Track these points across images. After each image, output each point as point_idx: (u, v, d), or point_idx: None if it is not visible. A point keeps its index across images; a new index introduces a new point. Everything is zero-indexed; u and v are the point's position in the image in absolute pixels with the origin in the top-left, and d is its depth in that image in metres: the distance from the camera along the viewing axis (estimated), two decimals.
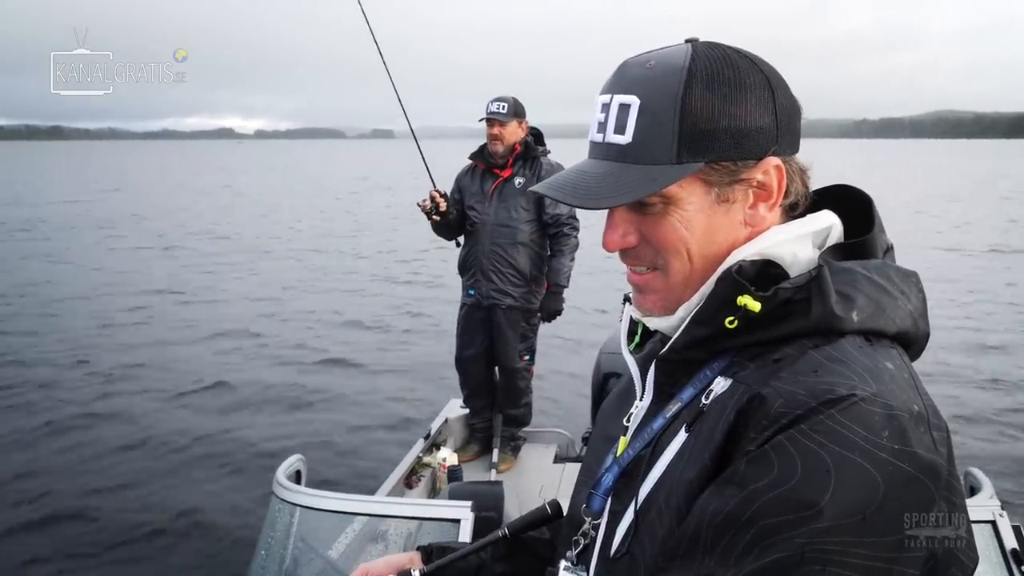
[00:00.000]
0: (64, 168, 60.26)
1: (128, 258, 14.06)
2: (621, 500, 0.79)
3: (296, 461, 2.23)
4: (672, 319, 0.79)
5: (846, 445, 0.61)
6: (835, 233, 0.78)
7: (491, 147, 3.96)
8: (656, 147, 0.73)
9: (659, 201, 0.75)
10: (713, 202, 0.75)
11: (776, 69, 0.77)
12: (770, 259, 0.75)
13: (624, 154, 0.75)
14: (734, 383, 0.71)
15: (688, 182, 0.74)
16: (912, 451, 0.62)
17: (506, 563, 1.06)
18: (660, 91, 0.73)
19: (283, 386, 6.92)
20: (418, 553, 1.10)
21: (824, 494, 0.59)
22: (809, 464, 0.61)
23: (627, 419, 0.85)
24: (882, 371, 0.66)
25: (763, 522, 0.61)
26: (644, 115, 0.73)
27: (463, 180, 4.15)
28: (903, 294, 0.74)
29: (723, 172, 0.74)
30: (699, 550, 0.65)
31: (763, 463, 0.63)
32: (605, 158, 0.76)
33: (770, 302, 0.70)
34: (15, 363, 7.41)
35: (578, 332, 8.19)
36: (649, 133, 0.73)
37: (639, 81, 0.74)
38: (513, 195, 3.93)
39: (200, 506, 4.61)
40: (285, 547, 2.04)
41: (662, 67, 0.74)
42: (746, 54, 0.75)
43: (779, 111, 0.74)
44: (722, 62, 0.73)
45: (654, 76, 0.74)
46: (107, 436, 5.69)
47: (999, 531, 1.78)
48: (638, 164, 0.74)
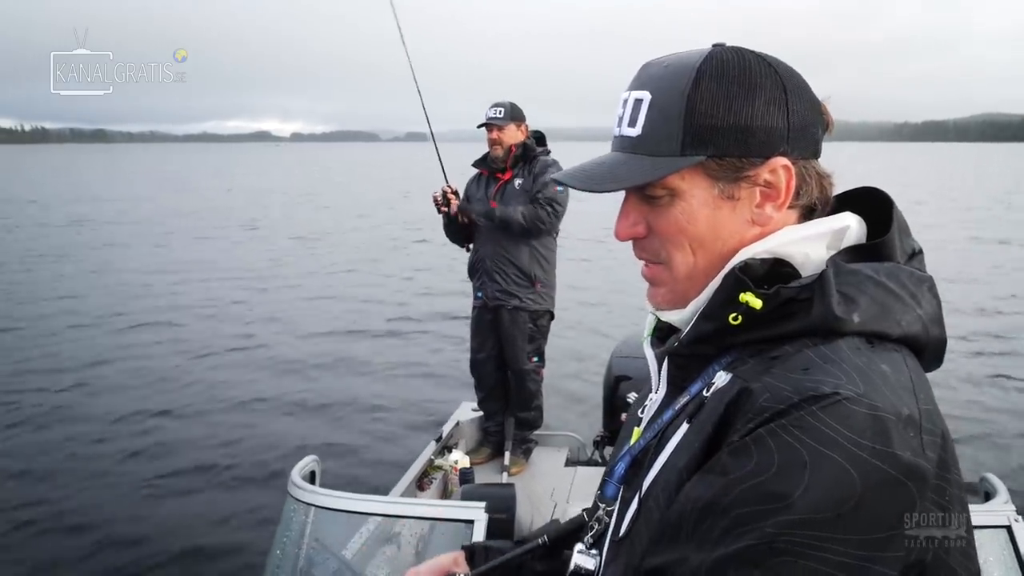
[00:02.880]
0: (136, 170, 62.58)
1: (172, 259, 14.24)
2: (631, 487, 0.82)
3: (311, 462, 2.26)
4: (683, 313, 0.81)
5: (824, 442, 0.62)
6: (853, 235, 0.78)
7: (491, 151, 4.04)
8: (662, 139, 0.76)
9: (665, 193, 0.77)
10: (717, 197, 0.77)
11: (800, 77, 0.78)
12: (781, 258, 0.76)
13: (634, 145, 0.79)
14: (733, 377, 0.73)
15: (692, 175, 0.76)
16: (893, 453, 0.62)
17: (546, 561, 1.10)
18: (670, 87, 0.76)
19: (298, 388, 6.97)
20: (462, 553, 1.13)
21: (797, 487, 0.61)
22: (786, 458, 0.62)
23: (641, 410, 0.89)
24: (874, 372, 0.67)
25: (737, 511, 0.63)
26: (653, 109, 0.77)
27: (470, 188, 4.24)
28: (914, 298, 0.74)
29: (727, 168, 0.75)
30: (681, 535, 0.67)
31: (743, 454, 0.65)
32: (620, 149, 0.80)
33: (772, 300, 0.72)
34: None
35: (590, 335, 8.20)
36: (656, 126, 0.76)
37: (654, 78, 0.78)
38: (513, 196, 3.98)
39: (216, 506, 4.66)
40: (300, 546, 2.06)
41: (676, 66, 0.77)
42: (766, 58, 0.77)
43: (792, 114, 0.75)
44: (735, 63, 0.75)
45: (667, 74, 0.77)
46: (114, 438, 5.75)
47: (1014, 536, 1.77)
48: (645, 155, 0.77)
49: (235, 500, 4.75)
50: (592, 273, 12.24)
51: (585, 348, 7.78)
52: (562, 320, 4.62)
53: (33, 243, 16.60)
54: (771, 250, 0.76)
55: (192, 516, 4.52)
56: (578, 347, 7.83)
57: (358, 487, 4.52)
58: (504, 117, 3.94)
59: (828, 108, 0.81)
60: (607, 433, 3.92)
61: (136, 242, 16.97)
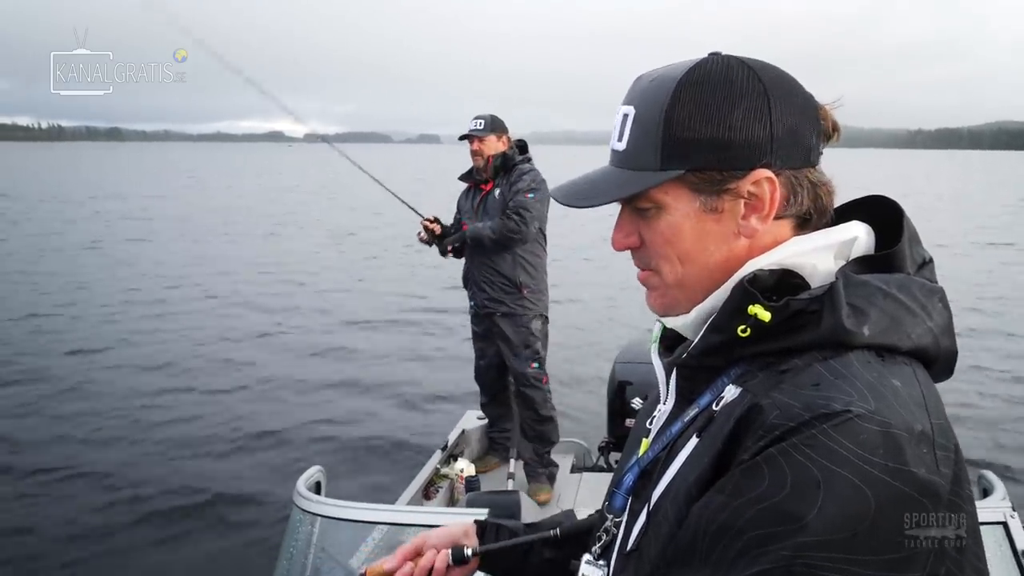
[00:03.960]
0: (158, 168, 64.32)
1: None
2: (640, 499, 0.82)
3: (316, 472, 2.26)
4: (687, 319, 0.81)
5: (836, 461, 0.61)
6: (861, 245, 0.77)
7: (474, 163, 4.10)
8: (643, 154, 0.77)
9: (652, 206, 0.78)
10: (699, 210, 0.77)
11: (790, 84, 0.77)
12: (789, 269, 0.75)
13: (620, 160, 0.80)
14: (743, 391, 0.72)
15: (674, 189, 0.77)
16: (908, 470, 0.61)
17: (555, 550, 1.10)
18: (651, 102, 0.76)
19: (303, 398, 6.99)
20: (474, 526, 1.14)
21: (811, 508, 0.60)
22: (798, 477, 0.61)
23: (650, 421, 0.89)
24: (886, 388, 0.66)
25: (752, 533, 0.62)
26: (636, 124, 0.78)
27: (460, 201, 4.32)
28: (924, 310, 0.73)
29: (708, 181, 0.75)
30: (695, 559, 0.67)
31: (755, 474, 0.64)
32: (612, 163, 0.82)
33: (781, 312, 0.71)
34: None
35: (594, 342, 8.20)
36: (638, 141, 0.77)
37: (639, 93, 0.79)
38: (494, 207, 4.03)
39: (222, 516, 4.66)
40: (307, 556, 2.07)
41: (660, 80, 0.77)
42: (753, 66, 0.76)
43: (775, 123, 0.74)
44: (719, 74, 0.75)
45: (651, 88, 0.78)
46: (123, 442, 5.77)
47: (1011, 532, 1.81)
48: (629, 170, 0.78)
49: (241, 511, 4.76)
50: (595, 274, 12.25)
51: (586, 355, 7.78)
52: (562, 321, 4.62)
53: (71, 237, 17.83)
54: (780, 261, 0.75)
55: (198, 527, 4.53)
56: (582, 353, 7.83)
57: (364, 497, 4.53)
58: (484, 129, 4.01)
59: (833, 114, 0.80)
60: (612, 439, 3.92)
61: (168, 238, 17.87)
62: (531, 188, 3.94)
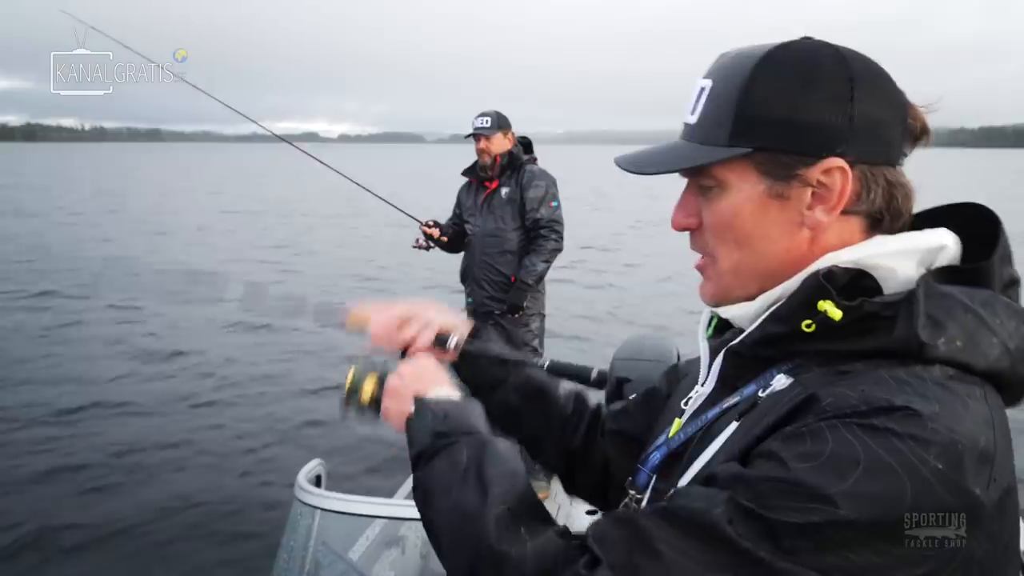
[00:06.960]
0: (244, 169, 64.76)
1: None
2: (666, 480, 0.80)
3: (316, 465, 2.28)
4: (748, 308, 0.77)
5: (887, 448, 0.58)
6: (948, 254, 0.73)
7: (480, 160, 4.12)
8: (713, 128, 0.74)
9: (715, 184, 0.75)
10: (764, 193, 0.73)
11: (881, 76, 0.73)
12: (864, 269, 0.71)
13: (690, 133, 0.78)
14: (794, 382, 0.69)
15: (741, 168, 0.73)
16: (959, 481, 0.58)
17: (521, 398, 1.09)
18: (729, 76, 0.74)
19: (304, 391, 6.99)
20: (470, 326, 1.12)
21: (838, 483, 0.57)
22: (838, 450, 0.58)
23: (685, 402, 0.86)
24: (956, 400, 0.62)
25: (768, 495, 0.60)
26: (711, 98, 0.75)
27: (461, 195, 4.34)
28: (1006, 331, 0.68)
29: (776, 164, 0.72)
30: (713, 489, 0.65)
31: (794, 440, 0.62)
32: (682, 136, 0.79)
33: (853, 313, 0.67)
34: None
35: (594, 338, 8.20)
36: (710, 114, 0.75)
37: (719, 67, 0.77)
38: (500, 205, 4.07)
39: (222, 510, 4.67)
40: (306, 549, 2.08)
41: (742, 56, 0.74)
42: (843, 52, 0.72)
43: (856, 113, 0.70)
44: (804, 55, 0.72)
45: (731, 63, 0.75)
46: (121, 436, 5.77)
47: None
48: (697, 143, 0.76)
49: (241, 504, 4.75)
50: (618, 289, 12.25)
51: (584, 352, 7.78)
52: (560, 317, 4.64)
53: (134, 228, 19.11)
54: (858, 260, 0.71)
55: (198, 520, 4.53)
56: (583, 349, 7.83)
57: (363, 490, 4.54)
58: (491, 127, 4.03)
59: (926, 115, 0.75)
60: None
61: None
62: (550, 195, 4.00)
